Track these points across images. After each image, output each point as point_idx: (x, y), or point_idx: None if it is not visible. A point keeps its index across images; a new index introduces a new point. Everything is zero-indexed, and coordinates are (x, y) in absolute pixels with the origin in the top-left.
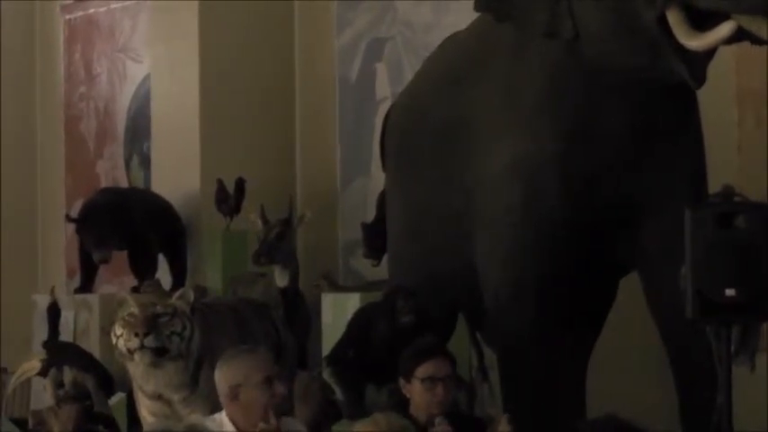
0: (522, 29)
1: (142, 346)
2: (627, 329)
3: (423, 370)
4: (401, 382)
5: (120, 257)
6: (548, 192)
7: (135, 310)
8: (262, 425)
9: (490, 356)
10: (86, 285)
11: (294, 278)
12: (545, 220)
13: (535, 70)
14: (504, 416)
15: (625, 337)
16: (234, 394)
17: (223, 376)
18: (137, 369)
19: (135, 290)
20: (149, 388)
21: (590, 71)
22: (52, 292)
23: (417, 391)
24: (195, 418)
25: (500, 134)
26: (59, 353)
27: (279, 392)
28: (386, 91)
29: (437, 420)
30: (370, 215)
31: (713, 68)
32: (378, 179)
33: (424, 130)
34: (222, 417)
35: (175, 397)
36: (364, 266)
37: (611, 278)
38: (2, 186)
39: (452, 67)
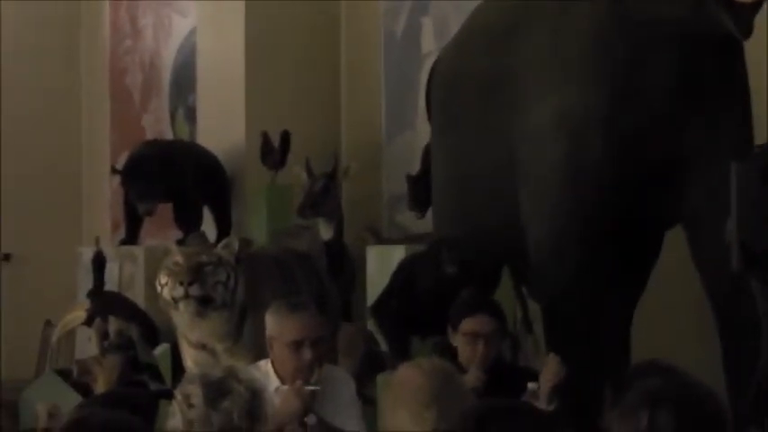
0: None
1: (187, 295)
2: (672, 283)
3: (466, 325)
4: (449, 330)
5: (165, 211)
6: (592, 148)
7: (180, 259)
8: (298, 382)
9: (535, 309)
10: (131, 238)
11: (339, 231)
12: (589, 176)
13: (580, 26)
14: (553, 355)
15: (670, 291)
16: (270, 344)
17: (267, 324)
18: (181, 318)
19: (180, 243)
20: (194, 337)
21: (635, 26)
22: (97, 242)
23: (460, 344)
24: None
25: (545, 90)
26: (104, 303)
27: (306, 359)
28: (431, 45)
29: (471, 369)
30: (415, 169)
31: (759, 22)
32: (422, 133)
33: (469, 83)
34: (267, 364)
35: (219, 347)
36: (409, 220)
37: (656, 232)
38: (47, 140)
39: (498, 20)
